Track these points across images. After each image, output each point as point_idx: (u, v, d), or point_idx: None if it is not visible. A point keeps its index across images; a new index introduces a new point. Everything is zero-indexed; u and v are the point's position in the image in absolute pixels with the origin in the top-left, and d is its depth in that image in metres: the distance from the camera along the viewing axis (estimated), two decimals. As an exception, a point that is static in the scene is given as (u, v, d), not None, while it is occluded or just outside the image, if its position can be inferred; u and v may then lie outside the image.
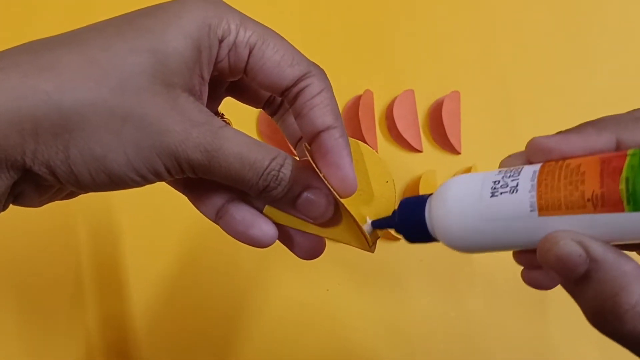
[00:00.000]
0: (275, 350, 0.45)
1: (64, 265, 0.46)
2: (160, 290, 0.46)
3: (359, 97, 0.51)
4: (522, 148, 0.27)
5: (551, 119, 0.51)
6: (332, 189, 0.24)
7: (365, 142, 0.49)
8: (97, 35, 0.22)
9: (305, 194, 0.24)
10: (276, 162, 0.23)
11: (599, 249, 0.19)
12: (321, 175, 0.24)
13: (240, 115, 0.30)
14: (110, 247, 0.47)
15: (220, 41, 0.23)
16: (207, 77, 0.24)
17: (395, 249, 0.47)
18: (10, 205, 0.23)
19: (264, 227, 0.25)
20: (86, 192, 0.23)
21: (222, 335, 0.45)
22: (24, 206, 0.23)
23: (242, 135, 0.23)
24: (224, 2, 0.24)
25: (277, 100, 0.29)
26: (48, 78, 0.20)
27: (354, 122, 0.50)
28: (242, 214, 0.25)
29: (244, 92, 0.28)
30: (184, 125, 0.22)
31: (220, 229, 0.26)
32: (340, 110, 0.52)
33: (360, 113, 0.50)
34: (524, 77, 0.53)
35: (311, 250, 0.27)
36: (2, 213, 0.23)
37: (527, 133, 0.42)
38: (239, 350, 0.44)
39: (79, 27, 0.23)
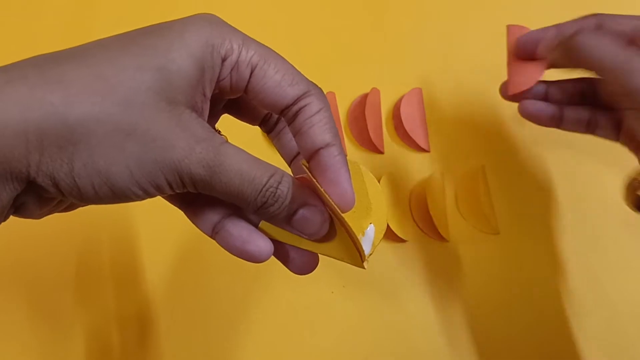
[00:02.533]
0: (281, 352, 0.44)
1: (72, 266, 0.46)
2: (168, 293, 0.46)
3: (365, 96, 0.50)
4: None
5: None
6: (331, 204, 0.24)
7: (372, 141, 0.49)
8: (103, 51, 0.22)
9: (301, 211, 0.25)
10: (274, 179, 0.24)
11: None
12: (321, 190, 0.24)
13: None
14: (123, 249, 0.47)
15: (223, 60, 0.24)
16: (209, 94, 0.24)
17: (401, 251, 0.46)
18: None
19: (260, 243, 0.25)
20: (87, 204, 0.23)
21: (227, 336, 0.45)
22: (25, 217, 0.24)
23: (242, 152, 0.24)
24: (226, 23, 0.25)
25: (274, 118, 0.29)
26: (55, 91, 0.20)
27: (360, 121, 0.49)
28: (239, 230, 0.25)
29: (242, 109, 0.29)
30: (188, 141, 0.22)
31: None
32: (347, 108, 0.51)
33: (366, 112, 0.49)
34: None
35: (304, 266, 0.27)
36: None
37: (543, 130, 0.42)
38: (245, 351, 0.44)
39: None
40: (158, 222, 0.47)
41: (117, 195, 0.22)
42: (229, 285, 0.46)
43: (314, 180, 0.24)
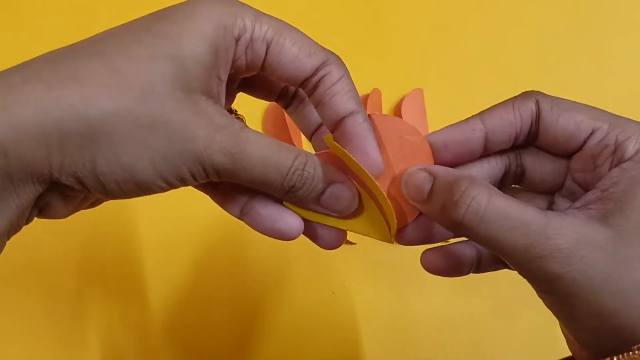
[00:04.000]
0: (283, 352, 0.44)
1: (74, 264, 0.46)
2: (171, 293, 0.46)
3: (366, 96, 0.50)
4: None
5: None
6: (365, 175, 0.24)
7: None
8: (115, 42, 0.22)
9: (330, 189, 0.24)
10: (299, 161, 0.23)
11: (437, 168, 0.25)
12: (354, 161, 0.23)
13: (245, 115, 0.29)
14: (126, 250, 0.47)
15: (237, 40, 0.23)
16: (224, 77, 0.24)
17: (402, 251, 0.46)
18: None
19: (290, 221, 0.25)
20: (112, 199, 0.23)
21: (228, 336, 0.45)
22: (50, 218, 0.23)
23: (262, 136, 0.23)
24: (236, 0, 0.24)
25: (291, 92, 0.28)
26: (72, 89, 0.20)
27: (361, 121, 0.49)
28: (268, 209, 0.25)
29: (257, 86, 0.28)
30: (208, 130, 0.22)
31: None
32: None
33: (367, 112, 0.49)
34: (534, 76, 0.52)
35: (333, 242, 0.27)
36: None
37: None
38: (247, 352, 0.44)
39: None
40: (163, 222, 0.47)
41: (141, 189, 0.22)
42: (230, 286, 0.46)
43: (345, 151, 0.24)
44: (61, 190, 0.22)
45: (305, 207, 0.25)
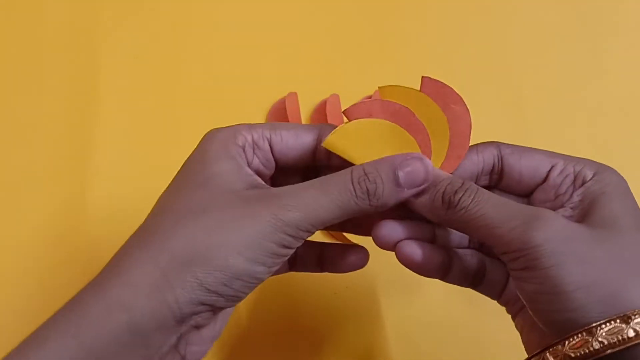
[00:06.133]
0: (283, 351, 0.44)
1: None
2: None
3: (368, 98, 0.50)
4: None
5: (561, 120, 0.51)
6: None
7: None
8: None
9: (402, 172, 0.27)
10: (356, 173, 0.27)
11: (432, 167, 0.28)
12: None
13: (249, 115, 0.30)
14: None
15: (243, 147, 0.27)
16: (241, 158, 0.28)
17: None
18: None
19: (358, 252, 0.33)
20: (234, 303, 0.28)
21: (227, 337, 0.45)
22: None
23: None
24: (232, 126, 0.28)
25: None
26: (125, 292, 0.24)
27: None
28: (333, 248, 0.32)
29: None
30: (271, 212, 0.25)
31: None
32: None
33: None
34: (534, 80, 0.52)
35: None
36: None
37: (538, 137, 0.42)
38: (246, 354, 0.44)
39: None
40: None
41: (244, 279, 0.27)
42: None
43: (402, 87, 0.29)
44: (191, 325, 0.25)
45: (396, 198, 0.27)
